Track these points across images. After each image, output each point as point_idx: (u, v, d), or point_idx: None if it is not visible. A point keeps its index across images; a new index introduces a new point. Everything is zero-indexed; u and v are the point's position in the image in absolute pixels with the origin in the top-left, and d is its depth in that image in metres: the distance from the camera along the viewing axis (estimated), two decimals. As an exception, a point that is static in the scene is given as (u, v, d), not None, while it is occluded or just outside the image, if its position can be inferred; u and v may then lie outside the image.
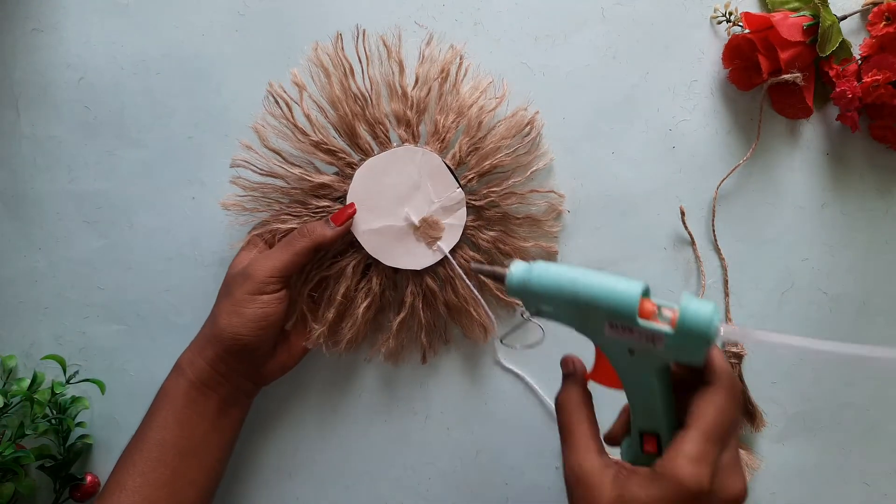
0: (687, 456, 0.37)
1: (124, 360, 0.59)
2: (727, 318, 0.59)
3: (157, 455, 0.49)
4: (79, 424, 0.57)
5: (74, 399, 0.57)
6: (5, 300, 0.59)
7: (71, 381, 0.57)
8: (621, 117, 0.59)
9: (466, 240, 0.56)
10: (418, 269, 0.55)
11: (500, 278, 0.42)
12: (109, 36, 0.59)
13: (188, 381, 0.50)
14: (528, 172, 0.56)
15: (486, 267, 0.44)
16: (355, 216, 0.54)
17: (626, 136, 0.59)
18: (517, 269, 0.41)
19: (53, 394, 0.55)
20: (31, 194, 0.59)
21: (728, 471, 0.39)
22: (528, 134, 0.56)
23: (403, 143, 0.55)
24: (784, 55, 0.55)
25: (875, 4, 0.57)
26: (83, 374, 0.58)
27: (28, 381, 0.55)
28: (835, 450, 0.59)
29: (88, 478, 0.57)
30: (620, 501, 0.38)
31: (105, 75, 0.59)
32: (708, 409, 0.38)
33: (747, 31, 0.57)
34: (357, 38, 0.55)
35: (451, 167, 0.55)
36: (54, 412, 0.55)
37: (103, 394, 0.57)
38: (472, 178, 0.55)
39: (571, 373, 0.44)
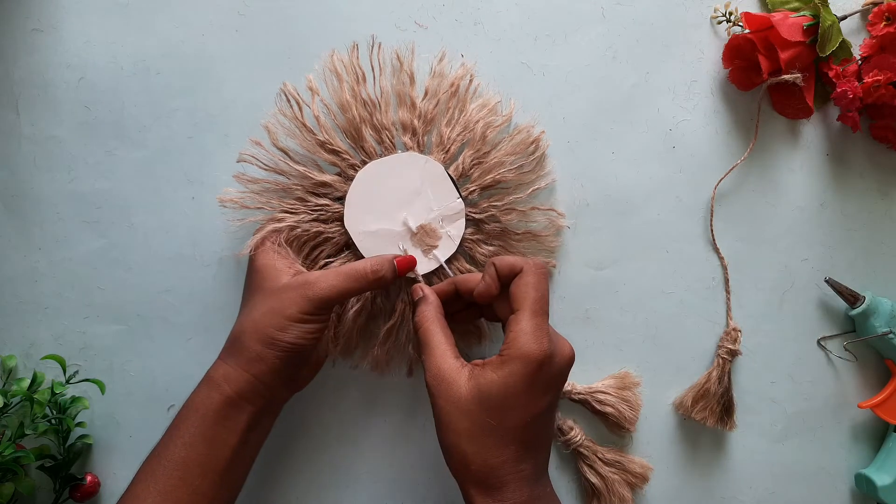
0: (526, 333, 0.44)
1: (124, 360, 0.59)
2: (728, 318, 0.59)
3: (181, 474, 0.47)
4: (79, 424, 0.57)
5: (74, 399, 0.57)
6: (5, 300, 0.59)
7: (71, 381, 0.57)
8: (621, 117, 0.59)
9: (464, 253, 0.56)
10: (412, 275, 0.54)
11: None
12: (109, 36, 0.59)
13: (223, 395, 0.48)
14: (530, 190, 0.56)
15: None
16: (354, 217, 0.54)
17: (626, 136, 0.59)
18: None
19: (53, 394, 0.55)
20: (31, 194, 0.59)
21: (554, 337, 0.45)
22: (534, 153, 0.57)
23: (408, 150, 0.55)
24: (784, 55, 0.55)
25: (875, 4, 0.57)
26: (83, 374, 0.58)
27: (28, 381, 0.55)
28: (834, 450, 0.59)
29: (88, 478, 0.57)
30: (477, 389, 0.44)
31: (105, 75, 0.59)
32: (528, 290, 0.45)
33: (747, 31, 0.57)
34: (372, 48, 0.56)
35: (454, 178, 0.55)
36: (54, 412, 0.55)
37: (103, 394, 0.57)
38: (474, 190, 0.55)
39: (423, 297, 0.50)
